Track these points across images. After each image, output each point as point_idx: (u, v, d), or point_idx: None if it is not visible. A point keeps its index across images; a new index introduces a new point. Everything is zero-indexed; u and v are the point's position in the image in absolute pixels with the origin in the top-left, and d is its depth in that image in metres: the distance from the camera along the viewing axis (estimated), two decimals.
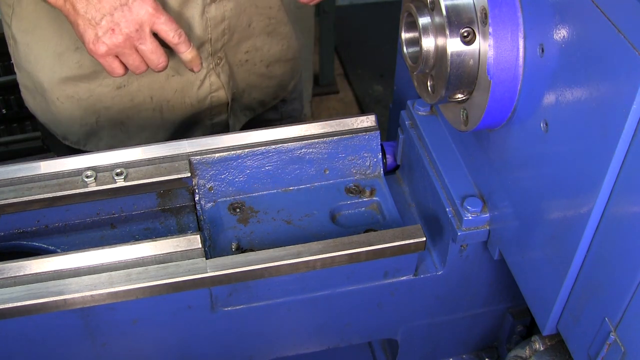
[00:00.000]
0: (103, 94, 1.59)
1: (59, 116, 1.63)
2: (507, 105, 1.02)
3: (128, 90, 1.59)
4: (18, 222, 1.31)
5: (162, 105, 1.63)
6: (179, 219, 1.36)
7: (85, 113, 1.61)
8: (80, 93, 1.58)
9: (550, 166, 0.96)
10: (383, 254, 1.22)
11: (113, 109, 1.61)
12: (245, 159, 1.36)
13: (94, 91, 1.58)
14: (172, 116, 1.65)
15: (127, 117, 1.63)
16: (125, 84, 1.58)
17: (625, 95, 0.76)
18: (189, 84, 1.61)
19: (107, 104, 1.60)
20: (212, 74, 1.61)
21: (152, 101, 1.62)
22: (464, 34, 0.98)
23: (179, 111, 1.65)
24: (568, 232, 0.94)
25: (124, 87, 1.58)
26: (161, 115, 1.64)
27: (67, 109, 1.61)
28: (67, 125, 1.65)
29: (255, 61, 1.70)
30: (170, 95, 1.62)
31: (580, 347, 0.99)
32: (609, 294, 0.90)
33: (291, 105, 1.95)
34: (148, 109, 1.63)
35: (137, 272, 1.16)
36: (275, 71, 1.77)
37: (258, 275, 1.19)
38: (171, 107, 1.64)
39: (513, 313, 1.47)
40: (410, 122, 1.41)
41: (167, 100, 1.62)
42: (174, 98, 1.62)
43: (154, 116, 1.64)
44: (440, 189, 1.28)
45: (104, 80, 1.57)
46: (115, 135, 1.66)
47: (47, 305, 1.12)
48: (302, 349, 1.44)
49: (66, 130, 1.67)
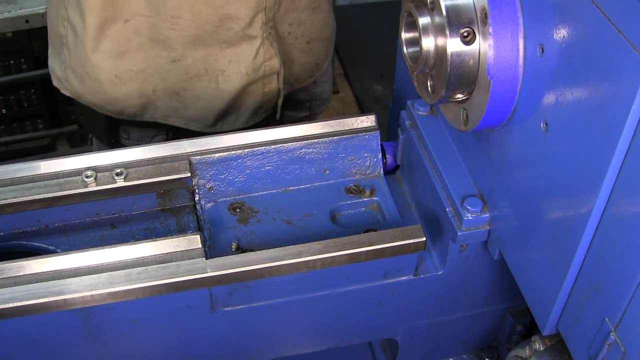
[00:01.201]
0: (159, 65, 1.61)
1: (116, 94, 1.65)
2: (507, 105, 1.02)
3: (182, 64, 1.61)
4: (18, 222, 1.31)
5: (218, 76, 1.65)
6: (179, 219, 1.36)
7: (143, 84, 1.64)
8: (137, 64, 1.61)
9: (550, 166, 0.96)
10: (383, 254, 1.22)
11: (168, 80, 1.64)
12: (245, 159, 1.36)
13: (151, 61, 1.61)
14: (228, 86, 1.68)
15: (182, 88, 1.66)
16: (179, 58, 1.61)
17: (625, 95, 0.76)
18: (244, 53, 1.64)
19: (163, 75, 1.63)
20: (265, 42, 1.64)
21: (207, 73, 1.64)
22: (464, 34, 0.98)
23: (234, 81, 1.67)
24: (568, 232, 0.94)
25: (179, 62, 1.61)
26: (217, 86, 1.67)
27: (125, 84, 1.63)
28: (124, 100, 1.67)
29: (297, 35, 1.74)
30: (225, 66, 1.64)
31: (580, 347, 0.99)
32: (609, 294, 0.90)
33: (321, 88, 1.98)
34: (203, 81, 1.66)
35: (137, 272, 1.15)
36: (314, 48, 1.81)
37: (258, 275, 1.19)
38: (227, 77, 1.66)
39: (513, 313, 1.47)
40: (410, 122, 1.41)
41: (222, 70, 1.65)
42: (230, 68, 1.65)
43: (209, 87, 1.67)
44: (440, 189, 1.28)
45: (160, 52, 1.59)
46: (172, 105, 1.69)
47: (47, 305, 1.12)
48: (302, 349, 1.44)
49: (124, 105, 1.69)
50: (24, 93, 3.10)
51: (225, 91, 1.68)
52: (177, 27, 1.56)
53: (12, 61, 3.00)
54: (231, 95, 1.69)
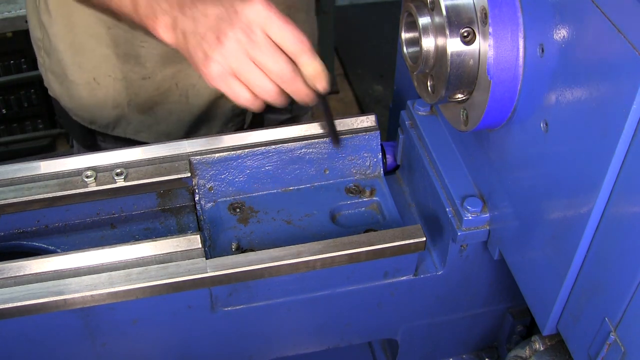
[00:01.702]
0: (133, 80, 1.62)
1: (91, 99, 1.65)
2: (507, 105, 1.02)
3: (153, 80, 1.61)
4: (18, 222, 1.31)
5: (188, 90, 1.65)
6: (179, 219, 1.36)
7: (119, 95, 1.64)
8: (116, 72, 1.61)
9: (550, 166, 0.96)
10: (383, 254, 1.22)
11: (141, 96, 1.64)
12: (245, 159, 1.36)
13: (127, 74, 1.61)
14: (197, 100, 1.68)
15: (155, 103, 1.66)
16: (150, 76, 1.61)
17: (625, 95, 0.76)
18: None
19: (137, 90, 1.63)
20: None
21: (178, 87, 1.64)
22: (464, 34, 0.98)
23: (204, 95, 1.67)
24: (568, 232, 0.94)
25: (149, 79, 1.61)
26: (187, 100, 1.67)
27: (101, 89, 1.63)
28: (98, 108, 1.67)
29: None
30: (195, 80, 1.64)
31: (580, 347, 0.99)
32: (609, 294, 0.90)
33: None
34: (175, 95, 1.65)
35: (137, 272, 1.16)
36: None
37: (258, 275, 1.19)
38: (197, 91, 1.66)
39: (513, 313, 1.47)
40: (410, 122, 1.41)
41: (192, 85, 1.65)
42: (199, 82, 1.65)
43: (180, 100, 1.67)
44: (440, 189, 1.28)
45: (133, 67, 1.59)
46: (144, 121, 1.69)
47: (47, 305, 1.12)
48: (302, 349, 1.44)
49: (96, 114, 1.68)
50: (24, 93, 3.10)
51: (194, 105, 1.68)
52: (146, 44, 1.57)
53: (12, 61, 3.00)
54: (201, 109, 1.70)
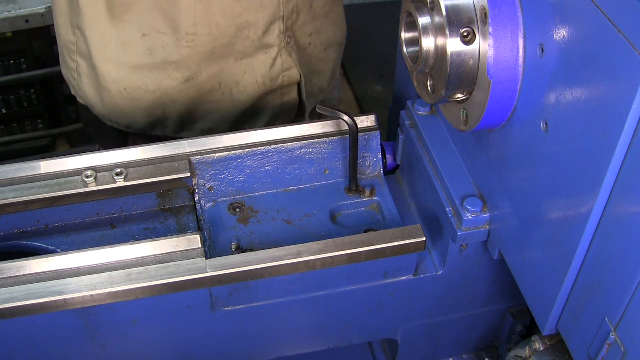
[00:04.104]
0: (171, 87, 1.58)
1: (126, 107, 1.63)
2: (507, 105, 1.02)
3: (195, 82, 1.58)
4: (18, 222, 1.31)
5: (232, 88, 1.63)
6: (179, 219, 1.36)
7: (152, 106, 1.62)
8: (148, 85, 1.58)
9: (550, 166, 0.96)
10: (383, 254, 1.22)
11: (180, 102, 1.62)
12: (245, 159, 1.36)
13: (162, 84, 1.58)
14: (243, 97, 1.65)
15: (194, 106, 1.64)
16: (193, 77, 1.57)
17: (625, 95, 0.76)
18: (260, 63, 1.61)
19: (174, 97, 1.60)
20: (283, 52, 1.62)
21: (221, 87, 1.62)
22: (464, 34, 0.98)
23: (250, 91, 1.65)
24: (568, 232, 0.94)
25: (192, 80, 1.58)
26: (231, 98, 1.65)
27: (134, 100, 1.61)
28: (133, 116, 1.65)
29: (317, 44, 1.72)
30: (240, 77, 1.62)
31: (580, 347, 0.99)
32: (609, 294, 0.90)
33: (331, 95, 1.97)
34: (217, 95, 1.63)
35: (137, 272, 1.15)
36: (330, 55, 1.79)
37: (258, 275, 1.19)
38: (242, 89, 1.64)
39: (513, 313, 1.47)
40: (410, 122, 1.41)
41: (236, 82, 1.62)
42: (245, 79, 1.62)
43: (223, 99, 1.65)
44: (440, 189, 1.28)
45: (172, 73, 1.56)
46: (183, 122, 1.67)
47: (47, 305, 1.12)
48: (302, 349, 1.44)
49: (132, 121, 1.67)
50: (24, 93, 3.10)
51: (240, 102, 1.66)
52: (193, 44, 1.53)
53: (12, 61, 3.00)
54: (247, 105, 1.67)
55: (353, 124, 1.31)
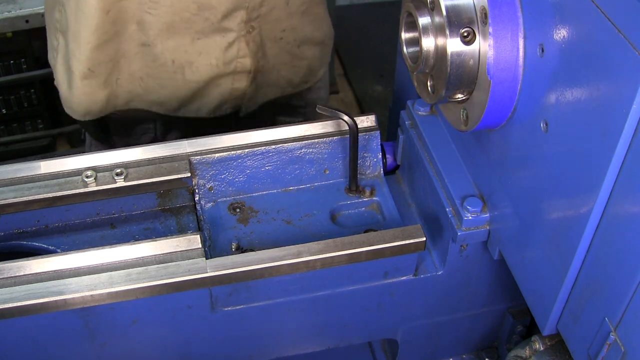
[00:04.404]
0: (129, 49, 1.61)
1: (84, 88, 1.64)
2: (507, 105, 1.02)
3: (151, 50, 1.62)
4: (18, 222, 1.31)
5: (185, 68, 1.66)
6: (179, 219, 1.36)
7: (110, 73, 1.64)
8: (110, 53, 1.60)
9: (550, 166, 0.96)
10: (383, 254, 1.22)
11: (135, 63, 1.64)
12: (245, 159, 1.36)
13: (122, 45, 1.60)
14: (195, 76, 1.69)
15: (146, 74, 1.67)
16: (149, 44, 1.61)
17: (625, 95, 0.76)
18: (215, 45, 1.64)
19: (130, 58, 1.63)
20: (242, 40, 1.65)
21: (173, 64, 1.66)
22: (464, 34, 0.98)
23: (203, 71, 1.68)
24: (568, 232, 0.94)
25: (148, 46, 1.62)
26: (183, 77, 1.68)
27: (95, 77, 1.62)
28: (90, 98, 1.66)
29: (289, 40, 1.75)
30: (193, 58, 1.65)
31: (580, 347, 0.99)
32: (609, 294, 0.90)
33: (316, 94, 1.99)
34: (169, 71, 1.66)
35: (137, 272, 1.15)
36: (305, 52, 1.81)
37: (258, 275, 1.19)
38: (194, 69, 1.67)
39: (513, 313, 1.47)
40: (410, 122, 1.41)
41: (189, 62, 1.66)
42: (198, 60, 1.66)
43: (174, 77, 1.68)
44: (440, 189, 1.28)
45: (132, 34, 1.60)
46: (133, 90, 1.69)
47: (47, 305, 1.12)
48: (302, 349, 1.44)
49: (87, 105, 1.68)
50: (24, 93, 3.10)
51: (192, 81, 1.70)
52: (154, 11, 1.57)
53: (12, 61, 3.00)
54: (199, 85, 1.71)
55: (353, 124, 1.31)
